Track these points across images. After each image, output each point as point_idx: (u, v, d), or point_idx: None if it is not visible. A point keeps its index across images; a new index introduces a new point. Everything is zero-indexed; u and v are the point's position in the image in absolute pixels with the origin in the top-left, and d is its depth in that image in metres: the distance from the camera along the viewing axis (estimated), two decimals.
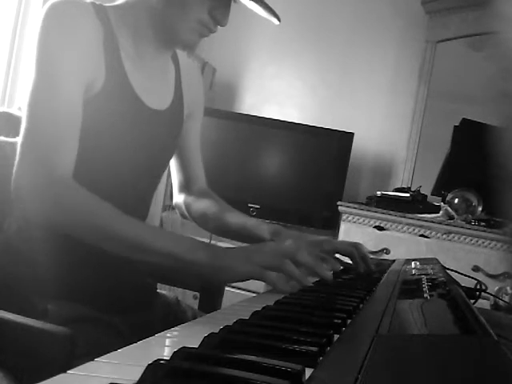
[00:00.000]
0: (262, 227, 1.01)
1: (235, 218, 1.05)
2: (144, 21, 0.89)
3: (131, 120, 0.89)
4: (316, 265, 0.80)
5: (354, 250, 0.99)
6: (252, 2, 0.91)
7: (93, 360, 0.40)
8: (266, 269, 0.76)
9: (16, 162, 0.77)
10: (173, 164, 1.13)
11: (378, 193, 2.53)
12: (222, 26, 0.89)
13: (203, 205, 1.10)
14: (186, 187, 1.14)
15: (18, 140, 0.79)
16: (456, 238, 2.29)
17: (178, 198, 1.15)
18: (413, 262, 1.16)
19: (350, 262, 1.03)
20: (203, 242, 0.82)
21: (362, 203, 2.54)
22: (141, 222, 0.82)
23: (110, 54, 0.86)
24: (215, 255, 0.77)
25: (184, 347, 0.40)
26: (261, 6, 0.94)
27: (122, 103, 0.87)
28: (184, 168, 1.12)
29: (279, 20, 1.02)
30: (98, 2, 0.88)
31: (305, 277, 0.78)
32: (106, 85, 0.84)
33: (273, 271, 0.76)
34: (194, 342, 0.43)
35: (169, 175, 1.19)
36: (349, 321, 0.56)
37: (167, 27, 0.88)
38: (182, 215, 1.16)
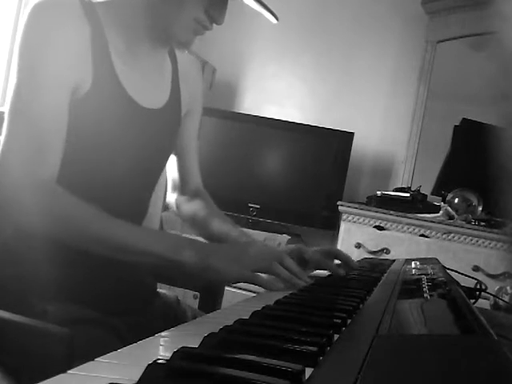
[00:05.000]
0: (242, 240, 1.02)
1: (220, 226, 1.06)
2: (137, 18, 0.87)
3: (123, 120, 0.87)
4: (297, 273, 0.82)
5: (322, 258, 0.99)
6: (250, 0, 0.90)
7: (93, 360, 0.40)
8: (255, 271, 0.78)
9: None
10: (168, 162, 1.12)
11: (378, 193, 2.53)
12: (218, 24, 0.87)
13: (193, 207, 1.10)
14: (180, 186, 1.13)
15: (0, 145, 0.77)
16: (456, 237, 2.29)
17: (171, 197, 1.15)
18: (413, 262, 1.16)
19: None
20: (191, 239, 0.82)
21: (362, 203, 2.54)
22: (125, 223, 0.80)
23: (99, 53, 0.83)
24: (202, 254, 0.78)
25: (184, 347, 0.40)
26: (258, 3, 0.93)
27: (112, 103, 0.85)
28: (179, 167, 1.11)
29: (277, 19, 1.01)
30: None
31: (293, 277, 0.80)
32: (95, 85, 0.82)
33: (262, 273, 0.79)
34: (194, 342, 0.43)
35: None
36: (349, 321, 0.56)
37: (162, 25, 0.87)
38: (175, 213, 1.15)
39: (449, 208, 2.38)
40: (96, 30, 0.84)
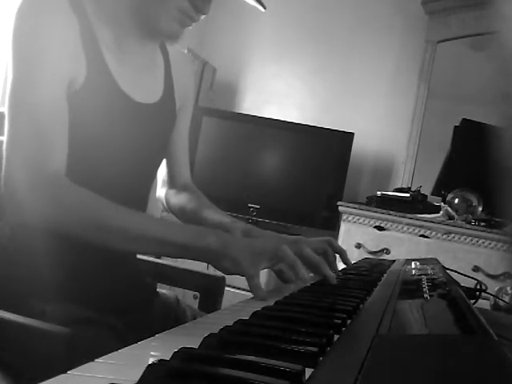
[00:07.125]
0: (236, 225, 0.99)
1: (211, 215, 1.04)
2: (123, 11, 0.87)
3: (116, 115, 0.87)
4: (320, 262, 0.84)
5: (326, 246, 0.98)
6: None
7: (93, 361, 0.40)
8: (269, 262, 0.80)
9: (4, 166, 0.76)
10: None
11: (378, 193, 2.53)
12: (204, 14, 0.86)
13: (183, 199, 1.09)
14: (168, 180, 1.12)
15: (3, 144, 0.77)
16: (456, 238, 2.29)
17: (160, 192, 1.13)
18: (413, 263, 1.16)
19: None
20: (210, 229, 0.82)
21: (362, 203, 2.54)
22: (142, 214, 0.80)
23: (90, 48, 0.83)
24: (225, 242, 0.78)
25: (184, 348, 0.40)
26: None
27: (106, 98, 0.85)
28: (168, 163, 1.10)
29: (264, 8, 1.01)
30: None
31: (297, 263, 0.79)
32: (88, 80, 0.82)
33: (275, 261, 0.80)
34: (194, 343, 0.43)
35: None
36: (349, 321, 0.56)
37: (147, 17, 0.86)
38: (164, 208, 1.15)
39: (449, 208, 2.38)
40: (84, 25, 0.83)
